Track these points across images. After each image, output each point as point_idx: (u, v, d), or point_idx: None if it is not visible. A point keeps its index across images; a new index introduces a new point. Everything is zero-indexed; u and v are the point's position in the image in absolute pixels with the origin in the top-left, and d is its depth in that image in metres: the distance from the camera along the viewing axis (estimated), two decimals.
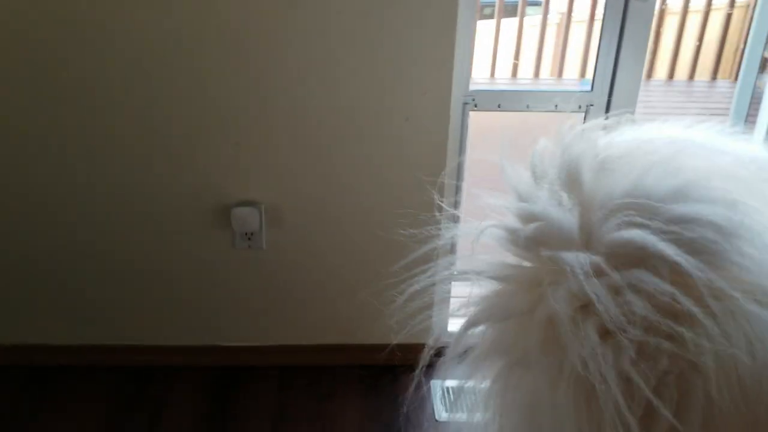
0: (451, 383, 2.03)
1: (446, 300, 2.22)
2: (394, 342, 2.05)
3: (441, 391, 1.99)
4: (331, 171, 1.81)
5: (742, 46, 4.80)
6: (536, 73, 4.83)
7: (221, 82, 1.69)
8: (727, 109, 4.51)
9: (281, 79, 1.70)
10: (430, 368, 2.25)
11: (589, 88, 1.85)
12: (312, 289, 1.98)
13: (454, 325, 2.27)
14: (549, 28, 4.83)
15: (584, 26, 4.68)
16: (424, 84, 1.71)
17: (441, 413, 1.92)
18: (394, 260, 1.92)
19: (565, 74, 4.76)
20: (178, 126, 1.74)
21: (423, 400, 1.96)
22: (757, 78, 1.97)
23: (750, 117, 2.07)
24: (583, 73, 4.59)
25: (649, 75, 4.95)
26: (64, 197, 1.83)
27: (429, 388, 2.00)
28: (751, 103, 1.97)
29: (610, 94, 1.84)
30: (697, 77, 4.96)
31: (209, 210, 1.85)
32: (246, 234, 1.88)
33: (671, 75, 4.94)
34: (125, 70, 1.67)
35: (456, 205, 1.94)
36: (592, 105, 1.84)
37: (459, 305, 0.94)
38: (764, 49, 2.00)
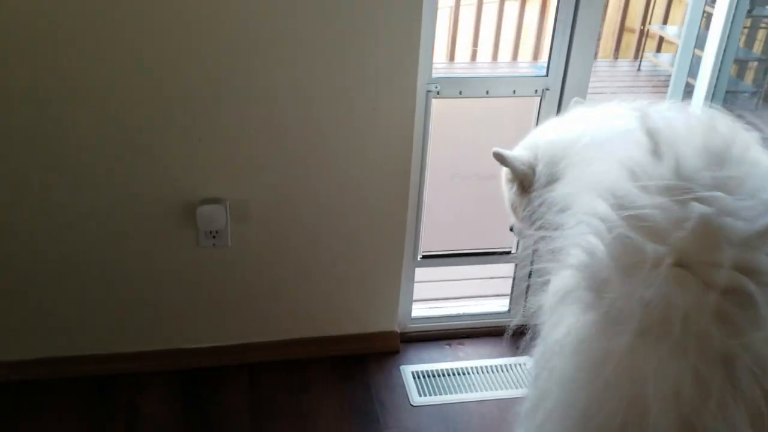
0: (421, 368, 2.06)
1: (409, 288, 2.25)
2: (362, 331, 2.07)
3: (412, 376, 2.02)
4: (296, 165, 1.79)
5: (640, 27, 5.08)
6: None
7: (182, 77, 1.63)
8: (632, 87, 4.78)
9: (244, 74, 1.65)
10: (399, 354, 2.28)
11: (543, 72, 1.91)
12: (278, 285, 1.95)
13: (419, 311, 2.28)
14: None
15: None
16: (389, 73, 1.72)
17: (415, 397, 1.95)
18: (359, 253, 1.94)
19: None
20: (139, 123, 1.67)
21: (395, 385, 1.98)
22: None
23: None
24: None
25: None
26: (17, 199, 1.71)
27: (400, 374, 2.02)
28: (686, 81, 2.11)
29: (564, 77, 1.90)
30: (598, 57, 5.20)
31: (172, 209, 1.78)
32: (210, 232, 1.83)
33: None
34: (84, 66, 1.58)
35: (420, 196, 1.96)
36: (547, 89, 1.90)
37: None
38: (698, 30, 2.13)
